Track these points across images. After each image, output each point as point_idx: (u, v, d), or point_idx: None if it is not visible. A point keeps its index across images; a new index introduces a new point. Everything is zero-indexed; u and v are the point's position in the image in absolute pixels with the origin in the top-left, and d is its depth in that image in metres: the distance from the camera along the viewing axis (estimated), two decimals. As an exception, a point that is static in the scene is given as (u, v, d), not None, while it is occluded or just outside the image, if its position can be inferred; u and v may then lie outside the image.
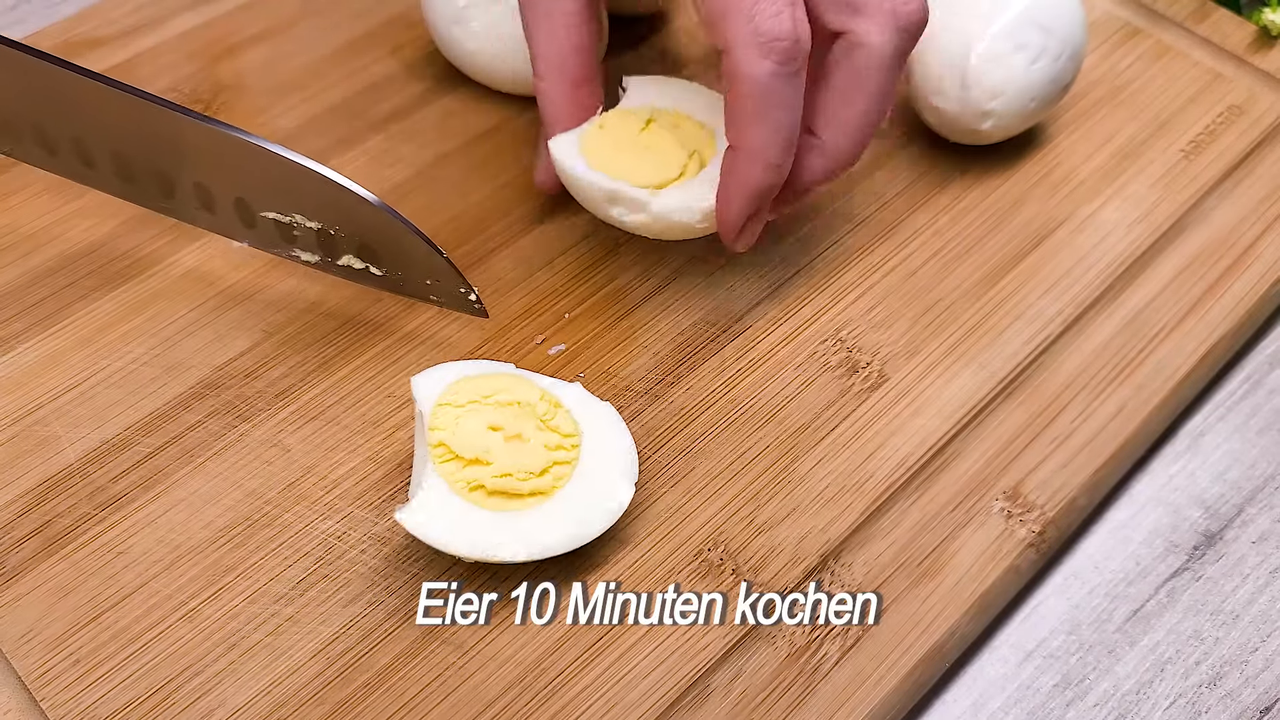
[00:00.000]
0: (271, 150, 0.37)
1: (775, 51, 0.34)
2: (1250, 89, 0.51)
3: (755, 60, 0.34)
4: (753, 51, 0.34)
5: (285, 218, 0.39)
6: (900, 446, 0.40)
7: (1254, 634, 0.39)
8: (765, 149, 0.36)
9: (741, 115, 0.36)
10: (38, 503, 0.38)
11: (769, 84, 0.35)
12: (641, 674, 0.35)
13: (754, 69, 0.34)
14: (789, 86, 0.35)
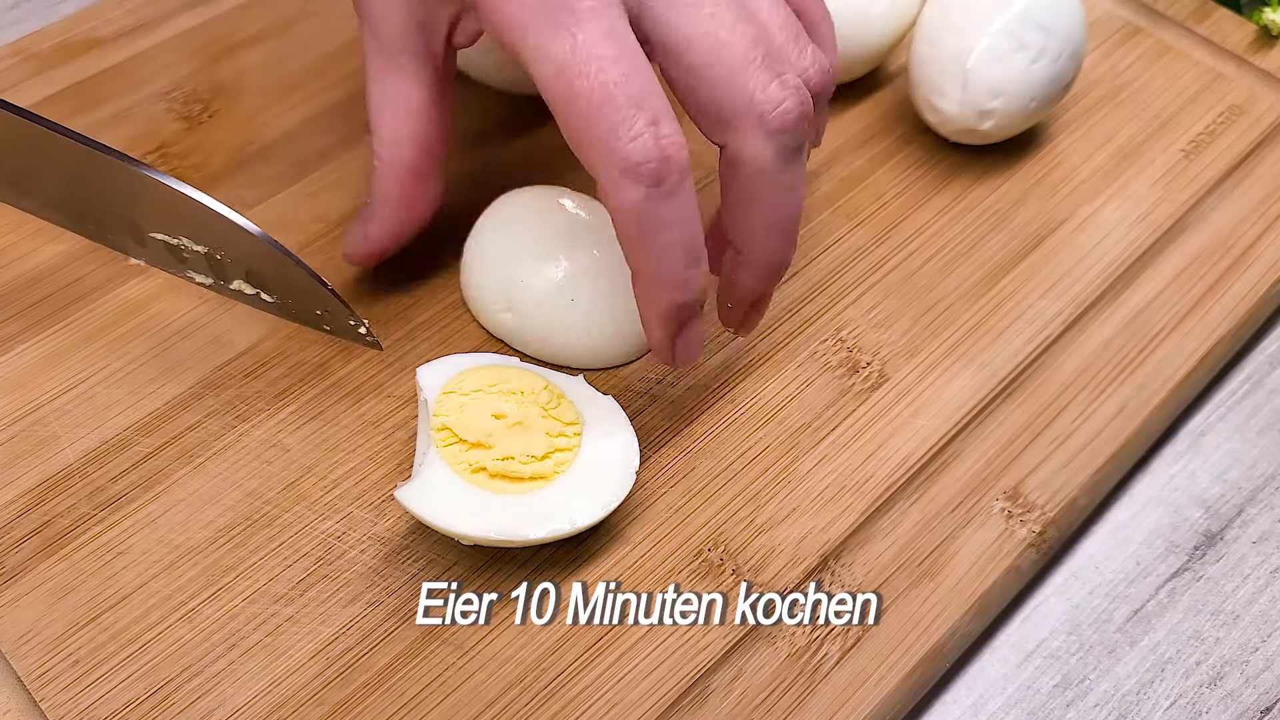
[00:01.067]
0: (153, 177, 0.36)
1: (643, 176, 0.32)
2: (1251, 89, 0.51)
3: (625, 188, 0.32)
4: (620, 179, 0.32)
5: (174, 240, 0.38)
6: (900, 446, 0.40)
7: (1254, 634, 0.39)
8: (661, 272, 0.34)
9: (628, 243, 0.34)
10: (37, 503, 0.38)
11: (643, 209, 0.32)
12: (641, 674, 0.35)
13: (625, 197, 0.32)
14: (668, 207, 0.33)
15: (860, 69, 0.49)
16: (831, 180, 0.47)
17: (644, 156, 0.32)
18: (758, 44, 0.34)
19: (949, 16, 0.45)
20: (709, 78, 0.34)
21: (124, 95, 0.49)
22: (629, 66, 0.32)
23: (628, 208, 0.33)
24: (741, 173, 0.35)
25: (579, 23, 0.32)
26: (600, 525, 0.38)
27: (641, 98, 0.32)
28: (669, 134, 0.32)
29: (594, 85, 0.31)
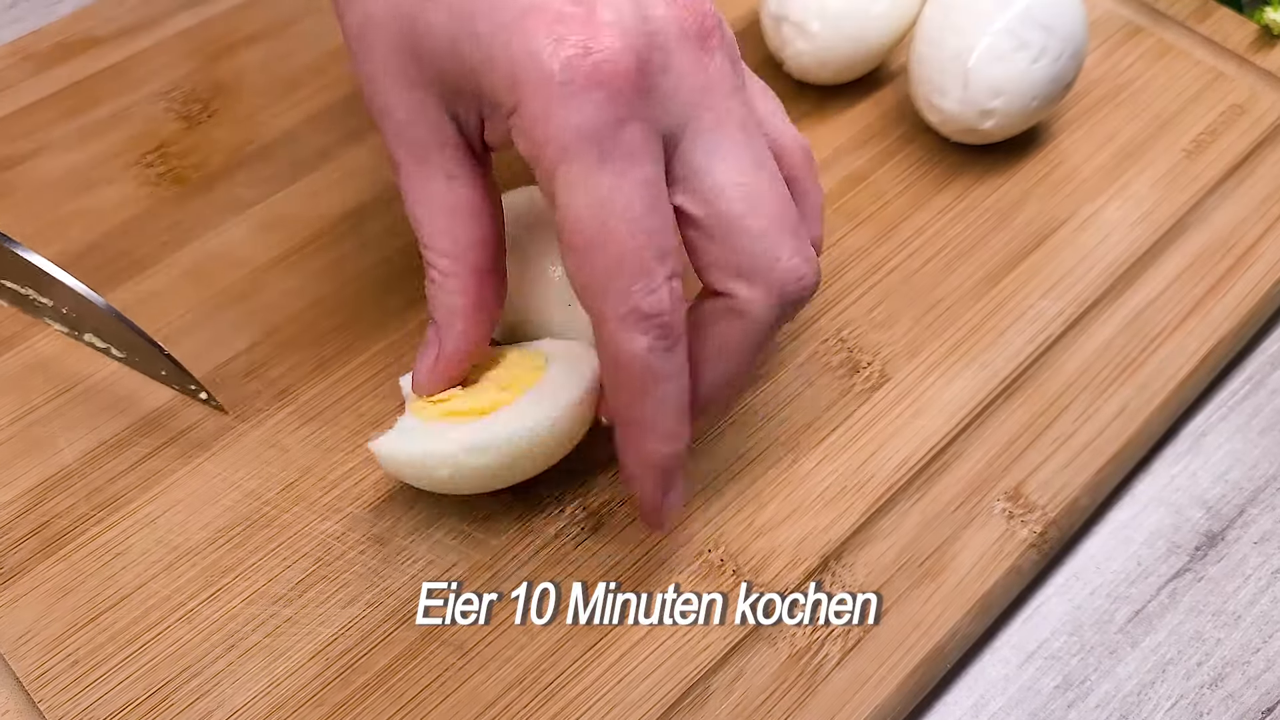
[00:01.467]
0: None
1: (654, 328, 0.31)
2: (1252, 88, 0.51)
3: (633, 338, 0.31)
4: (630, 329, 0.31)
5: (23, 290, 0.37)
6: (901, 447, 0.40)
7: (1256, 635, 0.39)
8: (657, 423, 0.33)
9: (625, 391, 0.32)
10: (36, 503, 0.38)
11: (648, 360, 0.31)
12: (642, 675, 0.35)
13: (632, 346, 0.31)
14: (671, 360, 0.32)
15: (860, 68, 0.48)
16: (831, 180, 0.47)
17: (658, 310, 0.31)
18: (789, 212, 0.33)
19: (949, 16, 0.45)
20: (741, 228, 0.32)
21: (123, 95, 0.49)
22: (663, 219, 0.31)
23: (633, 357, 0.31)
24: (735, 325, 0.33)
25: (628, 159, 0.30)
26: (600, 525, 0.38)
27: (669, 251, 0.31)
28: (678, 289, 0.31)
29: (630, 231, 0.30)
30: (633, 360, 0.31)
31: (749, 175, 0.32)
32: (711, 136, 0.32)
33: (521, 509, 0.38)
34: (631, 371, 0.32)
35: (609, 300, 0.31)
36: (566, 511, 0.38)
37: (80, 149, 0.47)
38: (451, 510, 0.38)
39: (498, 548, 0.37)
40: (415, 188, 0.35)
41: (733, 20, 0.53)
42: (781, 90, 0.50)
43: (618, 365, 0.32)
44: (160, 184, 0.46)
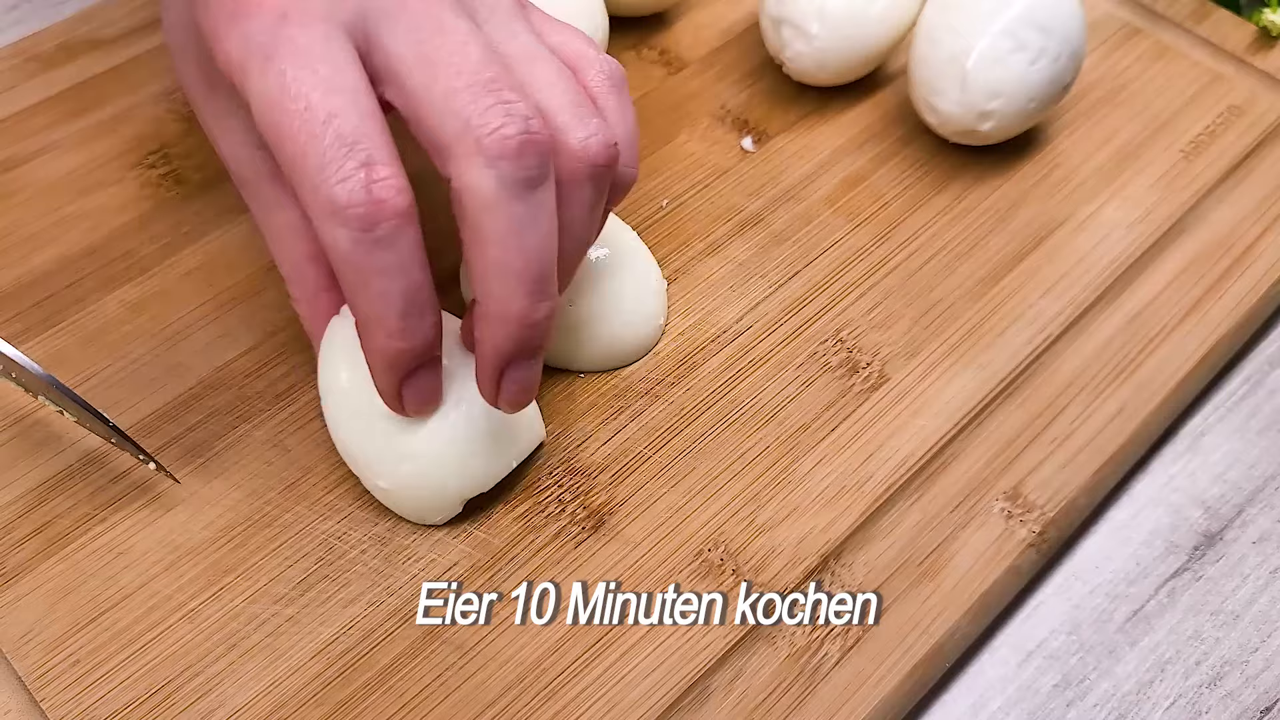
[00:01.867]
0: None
1: (351, 220, 0.30)
2: (1250, 89, 0.51)
3: (332, 231, 0.30)
4: (327, 222, 0.30)
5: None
6: (900, 447, 0.40)
7: (1254, 634, 0.39)
8: (375, 318, 0.32)
9: (344, 285, 0.32)
10: (38, 503, 0.38)
11: (352, 254, 0.30)
12: (641, 674, 0.35)
13: (333, 240, 0.30)
14: (381, 254, 0.30)
15: (859, 70, 0.49)
16: (831, 180, 0.47)
17: (350, 200, 0.30)
18: (484, 70, 0.31)
19: (948, 17, 0.45)
20: (426, 100, 0.31)
21: (125, 96, 0.49)
22: (341, 104, 0.30)
23: (335, 251, 0.31)
24: (465, 208, 0.31)
25: (291, 57, 0.30)
26: (600, 525, 0.38)
27: (355, 138, 0.30)
28: (384, 178, 0.30)
29: (300, 123, 0.30)
30: (335, 254, 0.31)
31: (428, 44, 0.31)
32: (399, 19, 0.31)
33: (522, 509, 0.38)
34: (340, 266, 0.31)
35: (303, 195, 0.31)
36: (567, 511, 0.38)
37: (82, 150, 0.47)
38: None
39: (498, 547, 0.37)
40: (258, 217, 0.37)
41: (733, 21, 0.53)
42: (781, 92, 0.50)
43: (331, 260, 0.31)
44: (162, 185, 0.46)
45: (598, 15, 0.47)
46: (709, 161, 0.48)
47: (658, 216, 0.46)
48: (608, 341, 0.41)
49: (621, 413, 0.41)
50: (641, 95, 0.50)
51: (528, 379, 0.35)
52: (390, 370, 0.33)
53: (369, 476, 0.37)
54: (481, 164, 0.31)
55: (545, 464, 0.39)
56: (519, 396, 0.35)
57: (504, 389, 0.34)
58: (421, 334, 0.33)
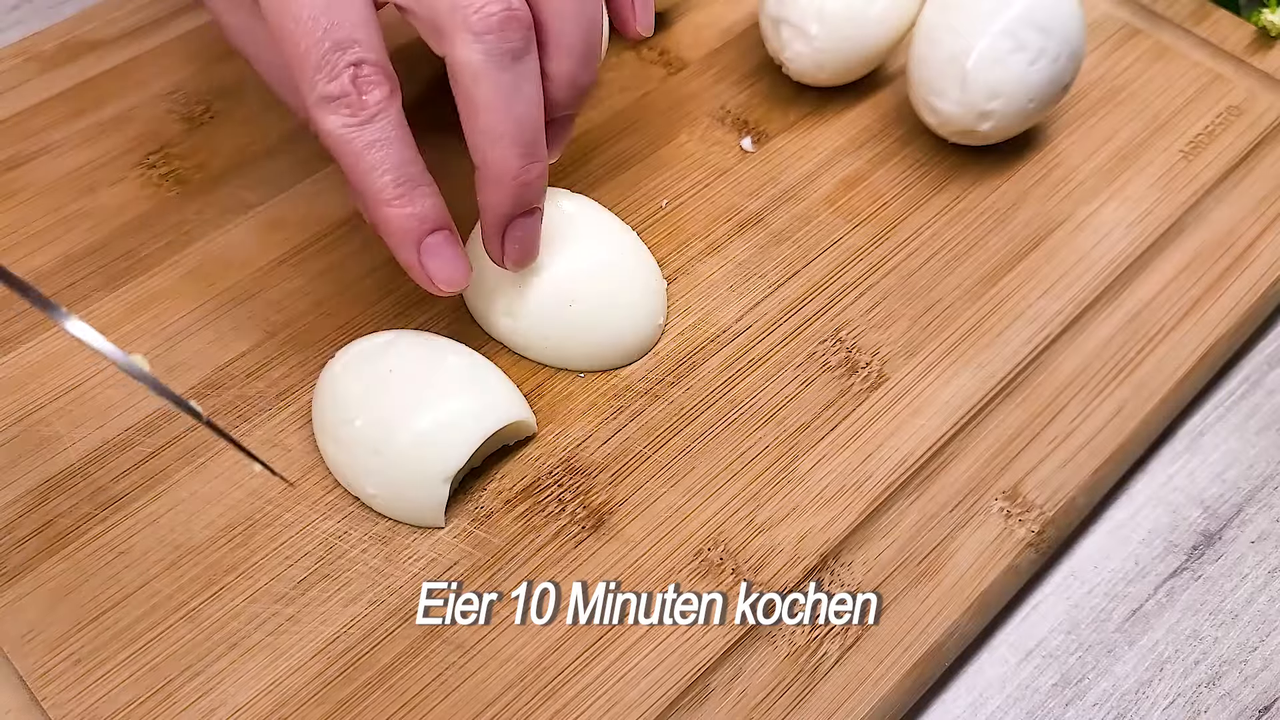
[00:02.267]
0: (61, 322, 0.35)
1: (341, 108, 0.34)
2: (1249, 89, 0.51)
3: (325, 118, 0.35)
4: (321, 111, 0.35)
5: None
6: (899, 446, 0.40)
7: (1253, 633, 0.39)
8: (371, 191, 0.36)
9: (343, 167, 0.36)
10: (39, 502, 0.38)
11: (343, 135, 0.35)
12: (641, 673, 0.35)
13: (326, 125, 0.35)
14: (366, 131, 0.35)
15: (860, 69, 0.49)
16: (831, 180, 0.47)
17: (341, 91, 0.34)
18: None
19: (948, 17, 0.45)
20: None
21: (126, 96, 0.49)
22: (340, 14, 0.34)
23: (327, 135, 0.35)
24: (458, 80, 0.35)
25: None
26: (600, 525, 0.38)
27: (347, 43, 0.34)
28: (368, 74, 0.34)
29: (303, 29, 0.34)
30: (330, 137, 0.35)
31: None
32: None
33: (522, 509, 0.38)
34: (335, 148, 0.35)
35: (302, 88, 0.35)
36: (566, 511, 0.38)
37: (83, 150, 0.47)
38: (453, 508, 0.38)
39: (498, 547, 0.38)
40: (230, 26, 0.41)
41: (732, 22, 0.53)
42: (781, 92, 0.50)
43: (326, 145, 0.35)
44: (163, 185, 0.46)
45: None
46: (709, 161, 0.48)
47: (658, 216, 0.46)
48: (608, 341, 0.41)
49: (621, 412, 0.41)
50: (641, 95, 0.50)
51: (528, 236, 0.39)
52: (404, 242, 0.37)
53: (356, 486, 0.38)
54: (470, 39, 0.35)
55: (545, 464, 0.39)
56: (522, 254, 0.39)
57: (508, 247, 0.39)
58: (419, 199, 0.36)
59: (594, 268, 0.41)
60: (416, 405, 0.37)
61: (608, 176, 0.47)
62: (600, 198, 0.46)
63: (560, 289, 0.40)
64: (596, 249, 0.41)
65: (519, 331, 0.41)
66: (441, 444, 0.37)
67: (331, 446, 0.38)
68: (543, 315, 0.41)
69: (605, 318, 0.41)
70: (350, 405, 0.38)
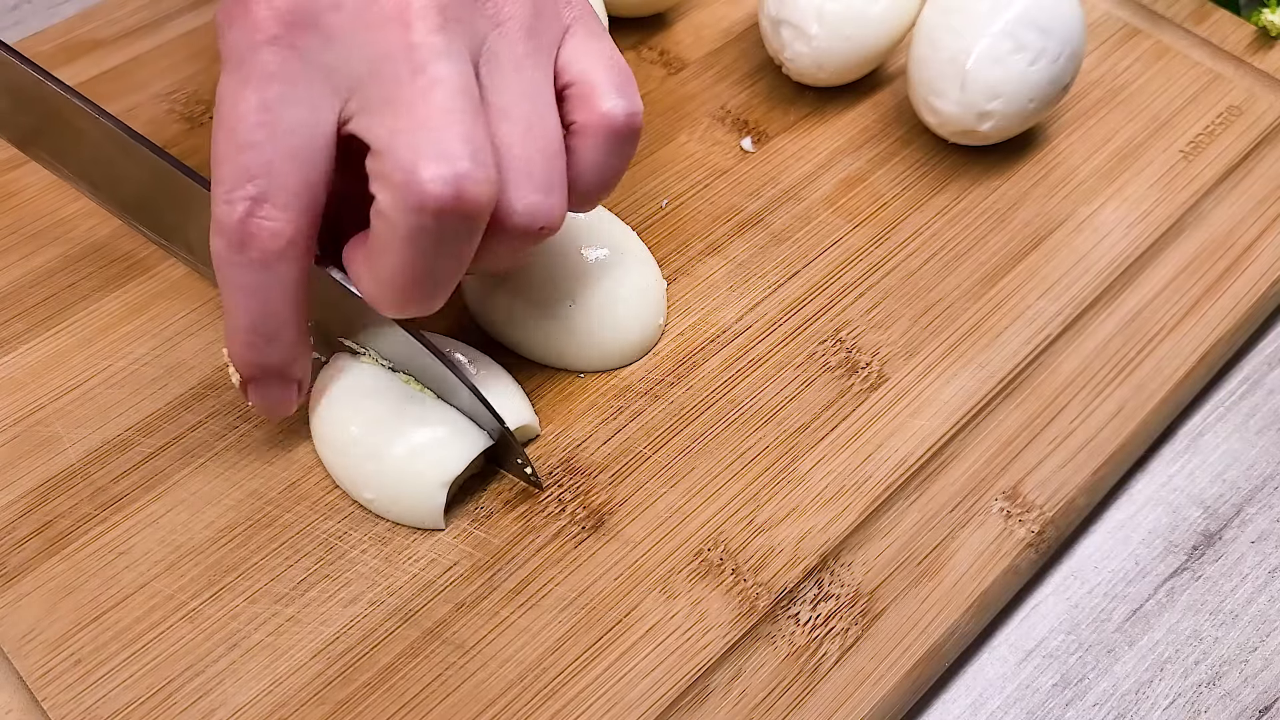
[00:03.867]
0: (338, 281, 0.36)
1: (224, 233, 0.32)
2: (1249, 89, 0.51)
3: (213, 233, 0.33)
4: (212, 225, 0.33)
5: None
6: (899, 447, 0.40)
7: (1253, 633, 0.39)
8: (229, 323, 0.34)
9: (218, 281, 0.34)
10: (39, 503, 0.38)
11: (220, 260, 0.33)
12: (641, 673, 0.35)
13: (213, 243, 0.33)
14: (241, 273, 0.33)
15: (858, 71, 0.49)
16: (831, 180, 0.47)
17: (228, 219, 0.32)
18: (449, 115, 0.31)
19: (948, 18, 0.45)
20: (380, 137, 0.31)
21: (126, 96, 0.49)
22: (264, 138, 0.32)
23: (213, 252, 0.33)
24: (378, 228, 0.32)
25: (256, 80, 0.32)
26: (600, 525, 0.38)
27: (257, 172, 0.32)
28: (266, 215, 0.32)
29: (228, 144, 0.32)
30: (212, 254, 0.33)
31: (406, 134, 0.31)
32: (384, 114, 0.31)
33: (522, 509, 0.38)
34: (215, 265, 0.33)
35: (211, 194, 0.33)
36: (566, 511, 0.38)
37: (83, 151, 0.47)
38: (453, 509, 0.38)
39: (498, 547, 0.38)
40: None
41: (733, 22, 0.53)
42: (781, 92, 0.50)
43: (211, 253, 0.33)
44: (163, 185, 0.46)
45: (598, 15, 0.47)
46: (709, 162, 0.48)
47: (658, 216, 0.46)
48: (608, 341, 0.41)
49: (621, 413, 0.41)
50: (641, 95, 0.50)
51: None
52: (243, 368, 0.36)
53: (354, 490, 0.38)
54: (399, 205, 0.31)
55: (545, 464, 0.39)
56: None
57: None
58: (263, 352, 0.35)
59: (594, 268, 0.41)
60: (415, 413, 0.37)
61: (608, 177, 0.47)
62: (600, 198, 0.46)
63: (560, 289, 0.40)
64: (596, 249, 0.41)
65: (519, 331, 0.41)
66: (439, 451, 0.37)
67: (328, 450, 0.38)
68: (543, 315, 0.41)
69: (605, 318, 0.41)
70: (346, 410, 0.38)
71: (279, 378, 0.36)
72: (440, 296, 0.34)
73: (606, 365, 0.42)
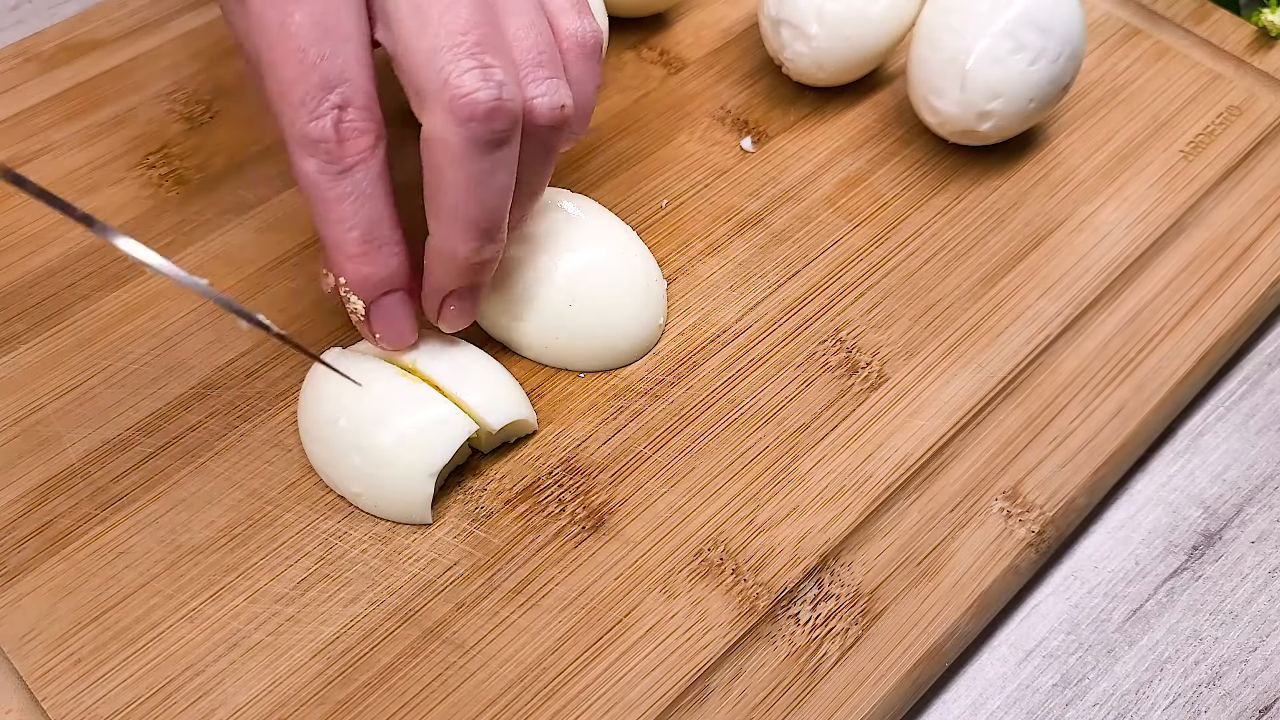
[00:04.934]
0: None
1: (320, 153, 0.33)
2: (1249, 89, 0.51)
3: (303, 159, 0.33)
4: (299, 151, 0.33)
5: None
6: (899, 446, 0.40)
7: (1253, 633, 0.39)
8: (336, 243, 0.35)
9: (311, 211, 0.35)
10: (39, 503, 0.38)
11: (317, 181, 0.34)
12: (641, 673, 0.35)
13: (303, 167, 0.33)
14: (341, 184, 0.34)
15: (858, 70, 0.49)
16: (831, 180, 0.47)
17: (322, 136, 0.33)
18: (471, 31, 0.33)
19: (948, 18, 0.45)
20: (411, 49, 0.33)
21: (126, 96, 0.49)
22: (332, 48, 0.33)
23: (303, 177, 0.34)
24: (430, 154, 0.34)
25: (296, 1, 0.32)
26: (600, 525, 0.38)
27: (336, 81, 0.33)
28: (353, 119, 0.33)
29: (291, 61, 0.32)
30: (303, 180, 0.34)
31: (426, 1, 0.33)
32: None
33: (522, 509, 0.38)
34: (307, 192, 0.34)
35: (282, 123, 0.33)
36: (566, 511, 0.38)
37: (83, 150, 0.47)
38: (453, 509, 0.38)
39: (498, 547, 0.38)
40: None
41: (733, 22, 0.53)
42: (781, 92, 0.50)
43: (299, 185, 0.34)
44: (163, 185, 0.46)
45: (598, 15, 0.47)
46: (709, 161, 0.48)
47: (658, 216, 0.46)
48: (608, 341, 0.41)
49: (621, 413, 0.41)
50: (641, 95, 0.50)
51: (466, 307, 0.38)
52: (362, 291, 0.36)
53: (341, 486, 0.38)
54: (450, 121, 0.33)
55: (545, 464, 0.39)
56: (457, 319, 0.38)
57: (444, 312, 0.38)
58: (381, 261, 0.35)
59: (594, 268, 0.41)
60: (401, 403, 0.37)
61: (608, 176, 0.47)
62: (600, 198, 0.46)
63: (560, 289, 0.40)
64: (596, 249, 0.41)
65: (519, 331, 0.41)
66: (425, 441, 0.37)
67: (315, 446, 0.38)
68: (543, 315, 0.41)
69: (605, 318, 0.41)
70: (333, 404, 0.38)
71: (398, 292, 0.36)
72: (504, 218, 0.35)
73: (606, 365, 0.42)
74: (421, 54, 0.33)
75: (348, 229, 0.34)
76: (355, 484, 0.37)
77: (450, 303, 0.38)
